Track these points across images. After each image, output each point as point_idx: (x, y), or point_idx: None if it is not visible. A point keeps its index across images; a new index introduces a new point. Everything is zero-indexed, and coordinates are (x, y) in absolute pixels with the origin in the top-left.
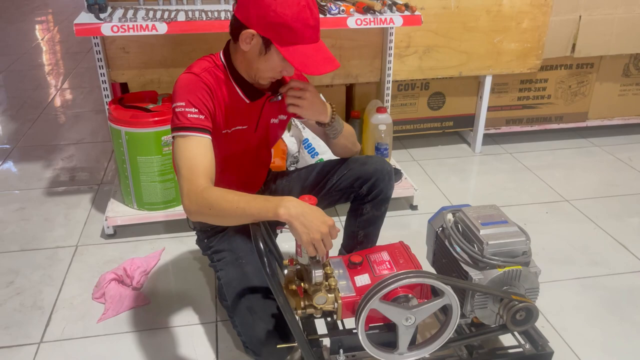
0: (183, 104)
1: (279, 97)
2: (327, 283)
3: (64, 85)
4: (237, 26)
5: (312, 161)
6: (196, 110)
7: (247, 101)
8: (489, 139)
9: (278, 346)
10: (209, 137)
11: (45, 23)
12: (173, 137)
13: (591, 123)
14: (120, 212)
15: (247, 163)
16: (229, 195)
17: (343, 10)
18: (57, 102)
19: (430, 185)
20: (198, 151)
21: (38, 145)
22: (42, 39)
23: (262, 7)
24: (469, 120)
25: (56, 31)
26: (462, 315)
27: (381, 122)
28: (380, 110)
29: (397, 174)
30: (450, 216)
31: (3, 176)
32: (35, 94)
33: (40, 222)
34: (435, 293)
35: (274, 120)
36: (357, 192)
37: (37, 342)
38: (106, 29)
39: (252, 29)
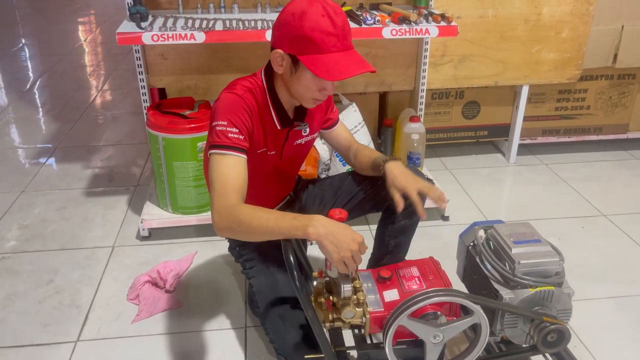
0: (225, 123)
1: (303, 126)
2: (355, 297)
3: (104, 86)
4: (270, 52)
5: (344, 169)
6: (237, 130)
7: (279, 127)
8: (524, 149)
9: (306, 357)
10: (245, 156)
11: (87, 24)
12: (210, 153)
13: (632, 135)
14: (155, 215)
15: (273, 181)
16: (258, 212)
17: (378, 21)
18: (98, 103)
19: (462, 195)
20: (234, 169)
21: (79, 145)
22: (84, 40)
23: (282, 26)
24: (504, 130)
25: (98, 32)
26: (492, 334)
27: (414, 131)
28: (414, 119)
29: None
30: (482, 232)
31: (45, 175)
32: (77, 94)
33: (79, 221)
34: (465, 311)
35: (298, 142)
36: (390, 203)
37: (74, 340)
38: (147, 38)
39: (278, 49)
